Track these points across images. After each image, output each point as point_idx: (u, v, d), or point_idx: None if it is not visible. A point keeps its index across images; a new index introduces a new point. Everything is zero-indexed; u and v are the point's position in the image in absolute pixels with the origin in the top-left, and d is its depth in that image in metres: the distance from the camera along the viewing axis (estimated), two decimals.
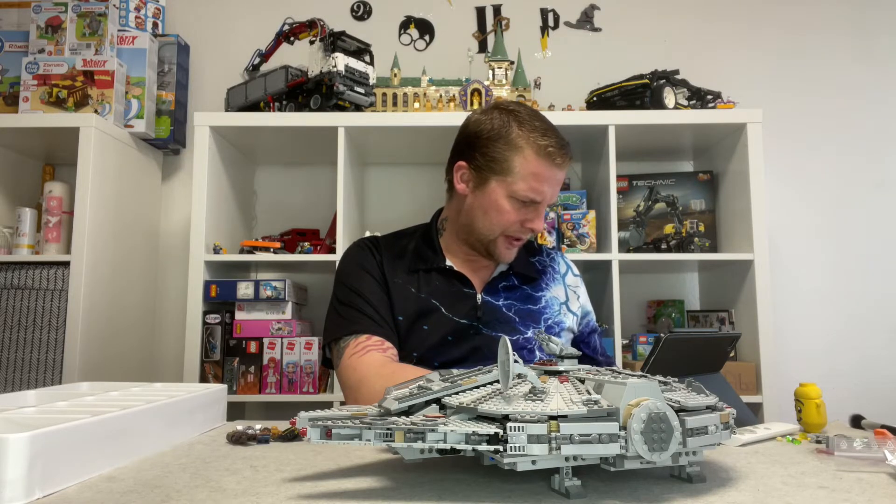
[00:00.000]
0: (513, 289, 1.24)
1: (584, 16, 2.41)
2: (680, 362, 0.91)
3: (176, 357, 2.17)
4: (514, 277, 1.26)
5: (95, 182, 1.86)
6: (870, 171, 2.32)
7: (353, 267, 1.23)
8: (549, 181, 1.15)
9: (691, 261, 2.01)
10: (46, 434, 0.59)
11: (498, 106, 1.21)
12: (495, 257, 1.22)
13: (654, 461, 0.56)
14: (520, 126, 1.15)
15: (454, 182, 1.21)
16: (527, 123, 1.15)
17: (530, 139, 1.13)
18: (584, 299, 1.35)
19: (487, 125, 1.17)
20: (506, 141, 1.14)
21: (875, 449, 0.72)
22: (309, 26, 2.01)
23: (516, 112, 1.17)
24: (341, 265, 1.26)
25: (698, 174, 2.12)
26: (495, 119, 1.17)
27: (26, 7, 2.13)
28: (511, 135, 1.14)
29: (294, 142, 2.07)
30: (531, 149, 1.13)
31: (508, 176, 1.14)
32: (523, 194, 1.14)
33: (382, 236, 1.31)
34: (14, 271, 1.84)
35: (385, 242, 1.28)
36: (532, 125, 1.15)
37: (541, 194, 1.15)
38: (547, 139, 1.14)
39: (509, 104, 1.21)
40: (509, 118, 1.16)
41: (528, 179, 1.13)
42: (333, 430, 0.58)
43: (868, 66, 2.36)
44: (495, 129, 1.16)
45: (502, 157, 1.14)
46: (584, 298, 1.35)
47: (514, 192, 1.14)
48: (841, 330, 2.26)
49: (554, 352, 0.68)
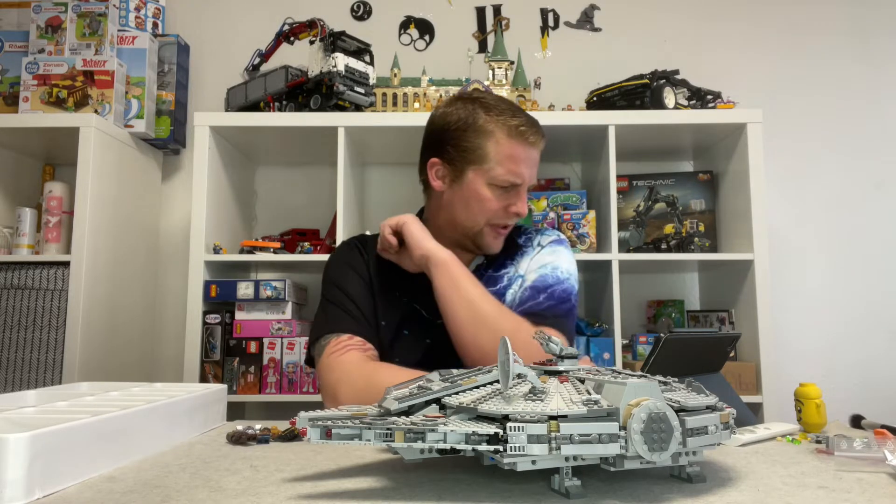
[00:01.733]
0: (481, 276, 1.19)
1: (584, 16, 2.41)
2: (680, 362, 0.91)
3: (176, 357, 2.17)
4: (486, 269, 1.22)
5: (95, 182, 1.86)
6: (870, 172, 2.32)
7: (340, 265, 1.22)
8: (526, 161, 1.14)
9: (691, 261, 2.01)
10: (46, 434, 0.59)
11: (461, 97, 1.19)
12: (483, 249, 1.19)
13: (654, 461, 0.56)
14: (486, 111, 1.13)
15: (429, 180, 1.19)
16: (493, 108, 1.14)
17: (499, 122, 1.12)
18: (535, 262, 1.20)
19: (454, 116, 1.15)
20: (475, 129, 1.13)
21: (875, 449, 0.71)
22: (309, 26, 2.01)
23: (480, 99, 1.16)
24: (329, 264, 1.25)
25: (698, 174, 2.12)
26: (460, 109, 1.15)
27: (26, 7, 2.13)
28: (479, 121, 1.13)
29: (294, 142, 2.08)
30: (502, 131, 1.12)
31: (484, 163, 1.12)
32: (502, 178, 1.12)
33: (371, 236, 1.29)
34: (14, 271, 1.84)
35: (373, 242, 1.25)
36: (499, 108, 1.14)
37: (519, 176, 1.13)
38: (516, 119, 1.12)
39: (472, 93, 1.20)
40: (474, 106, 1.14)
41: (505, 163, 1.12)
42: (333, 430, 0.58)
43: (868, 66, 2.36)
44: (462, 119, 1.14)
45: (474, 145, 1.12)
46: (534, 263, 1.20)
47: (493, 178, 1.12)
48: (841, 330, 2.26)
49: (554, 352, 0.68)
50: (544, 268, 1.19)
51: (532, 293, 1.15)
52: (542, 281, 1.17)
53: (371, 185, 2.32)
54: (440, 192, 1.18)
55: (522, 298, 1.16)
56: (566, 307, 1.16)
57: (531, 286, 1.16)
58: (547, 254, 1.22)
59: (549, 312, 1.13)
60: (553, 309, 1.14)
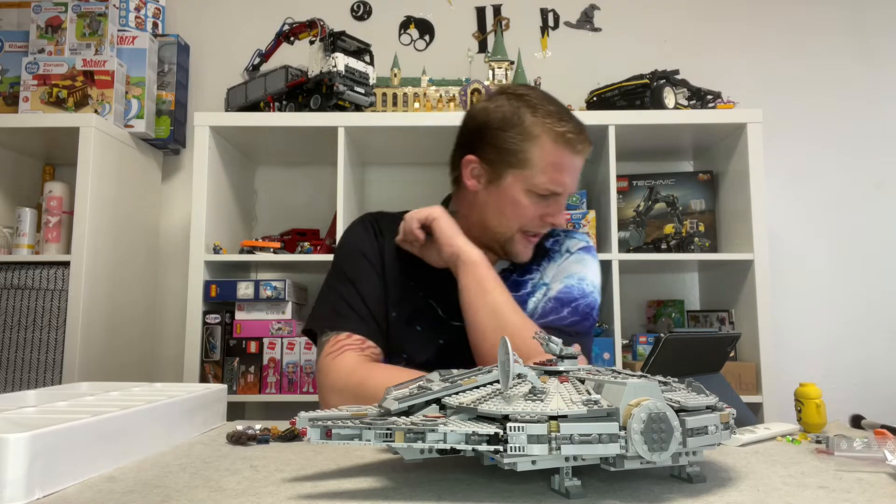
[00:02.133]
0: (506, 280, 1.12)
1: (584, 16, 2.41)
2: (680, 362, 0.91)
3: (176, 357, 2.17)
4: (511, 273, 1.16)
5: (95, 182, 1.86)
6: (870, 171, 2.32)
7: (352, 251, 1.15)
8: (570, 170, 1.07)
9: (691, 261, 2.01)
10: (46, 434, 0.59)
11: (504, 91, 1.10)
12: (512, 256, 1.13)
13: (654, 461, 0.56)
14: (533, 112, 1.05)
15: (463, 178, 1.11)
16: (540, 108, 1.06)
17: (546, 126, 1.04)
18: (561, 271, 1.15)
19: (497, 114, 1.07)
20: (519, 129, 1.05)
21: (875, 449, 0.71)
22: (309, 26, 2.01)
23: (526, 96, 1.07)
24: (341, 243, 1.18)
25: (698, 174, 2.12)
26: (504, 106, 1.07)
27: (26, 7, 2.13)
28: (525, 122, 1.05)
29: (294, 142, 2.07)
30: (548, 136, 1.04)
31: (526, 168, 1.04)
32: (543, 187, 1.05)
33: (389, 216, 1.21)
34: (14, 271, 1.84)
35: (390, 224, 1.17)
36: (546, 110, 1.06)
37: (561, 185, 1.06)
38: (564, 125, 1.05)
39: (517, 88, 1.11)
40: (520, 104, 1.06)
41: (548, 171, 1.04)
42: (333, 430, 0.58)
43: (868, 66, 2.36)
44: (506, 118, 1.06)
45: (517, 148, 1.05)
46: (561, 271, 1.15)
47: (534, 185, 1.05)
48: (841, 330, 2.26)
49: (554, 352, 0.68)
50: (570, 278, 1.13)
51: (556, 305, 1.10)
52: (568, 293, 1.11)
53: (371, 185, 2.32)
54: (474, 191, 1.11)
55: (545, 310, 1.10)
56: (588, 324, 1.11)
57: (555, 297, 1.11)
58: (574, 262, 1.16)
59: (571, 329, 1.07)
60: (576, 325, 1.08)
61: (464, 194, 1.14)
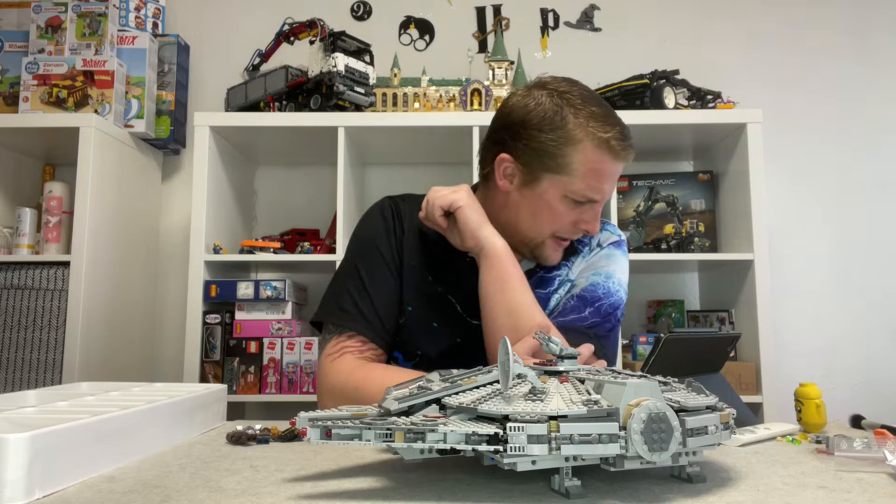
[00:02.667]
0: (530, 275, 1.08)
1: (584, 16, 2.41)
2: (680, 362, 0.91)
3: (176, 357, 2.17)
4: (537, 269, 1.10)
5: (95, 182, 1.86)
6: (869, 171, 2.32)
7: (367, 244, 1.10)
8: (611, 177, 1.01)
9: (691, 261, 2.01)
10: (46, 434, 0.59)
11: (544, 86, 1.02)
12: (541, 260, 1.08)
13: (654, 461, 0.56)
14: (575, 113, 0.98)
15: (495, 177, 1.04)
16: (583, 109, 0.98)
17: (590, 130, 0.97)
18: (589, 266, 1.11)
19: (537, 112, 0.99)
20: (561, 132, 0.98)
21: (875, 449, 0.71)
22: (309, 26, 2.01)
23: (567, 95, 1.00)
24: (357, 233, 1.13)
25: (698, 174, 2.12)
26: (545, 104, 0.99)
27: (26, 7, 2.13)
28: (567, 124, 0.98)
29: (294, 142, 2.08)
30: (591, 142, 0.97)
31: (565, 174, 0.98)
32: (581, 194, 0.99)
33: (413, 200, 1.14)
34: (14, 271, 1.84)
35: (412, 209, 1.11)
36: (589, 111, 0.98)
37: (600, 192, 1.00)
38: (609, 129, 0.98)
39: (559, 84, 1.02)
40: (562, 102, 0.99)
41: (588, 178, 0.98)
42: (333, 430, 0.58)
43: (868, 65, 2.36)
44: (547, 117, 0.98)
45: (557, 151, 0.98)
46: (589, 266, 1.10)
47: (572, 192, 0.99)
48: (841, 330, 2.26)
49: (554, 352, 0.68)
50: (598, 275, 1.08)
51: (578, 304, 1.05)
52: (592, 291, 1.06)
53: (371, 185, 2.32)
54: (505, 192, 1.04)
55: (567, 308, 1.05)
56: (610, 325, 1.06)
57: (579, 295, 1.06)
58: (604, 257, 1.11)
59: (591, 331, 1.03)
60: (597, 327, 1.04)
61: (494, 193, 1.07)
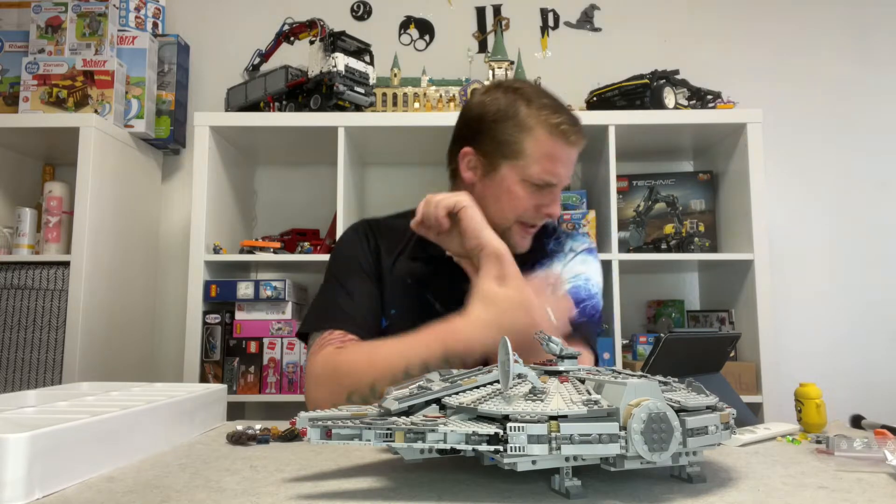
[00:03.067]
0: None
1: (584, 16, 2.41)
2: (680, 362, 0.91)
3: (176, 357, 2.17)
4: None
5: (95, 182, 1.86)
6: (870, 171, 2.32)
7: (344, 255, 1.17)
8: (564, 162, 1.09)
9: (691, 261, 2.01)
10: (46, 434, 0.59)
11: (500, 85, 1.13)
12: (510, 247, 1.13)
13: (654, 461, 0.56)
14: (528, 105, 1.08)
15: (460, 170, 1.13)
16: (535, 101, 1.08)
17: (541, 118, 1.07)
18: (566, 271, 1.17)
19: (492, 106, 1.10)
20: (514, 122, 1.07)
21: (875, 449, 0.72)
22: (309, 26, 2.01)
23: (521, 89, 1.10)
24: (334, 251, 1.21)
25: (698, 174, 2.12)
26: (500, 99, 1.10)
27: (26, 7, 2.13)
28: (519, 114, 1.07)
29: (294, 142, 2.08)
30: (543, 128, 1.06)
31: (520, 159, 1.07)
32: (538, 177, 1.07)
33: (384, 218, 1.24)
34: (14, 271, 1.84)
35: (385, 225, 1.20)
36: (540, 102, 1.08)
37: (556, 176, 1.08)
38: (558, 116, 1.07)
39: (513, 82, 1.14)
40: (515, 96, 1.09)
41: (542, 161, 1.07)
42: (333, 430, 0.58)
43: (868, 66, 2.36)
44: (502, 110, 1.09)
45: (512, 139, 1.07)
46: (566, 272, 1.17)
47: (528, 175, 1.07)
48: (841, 330, 2.26)
49: (554, 352, 0.68)
50: (577, 279, 1.15)
51: None
52: (575, 294, 1.13)
53: (371, 185, 2.32)
54: (470, 183, 1.13)
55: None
56: (595, 323, 1.13)
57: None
58: (579, 263, 1.18)
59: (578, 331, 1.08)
60: (584, 327, 1.10)
61: (461, 187, 1.15)
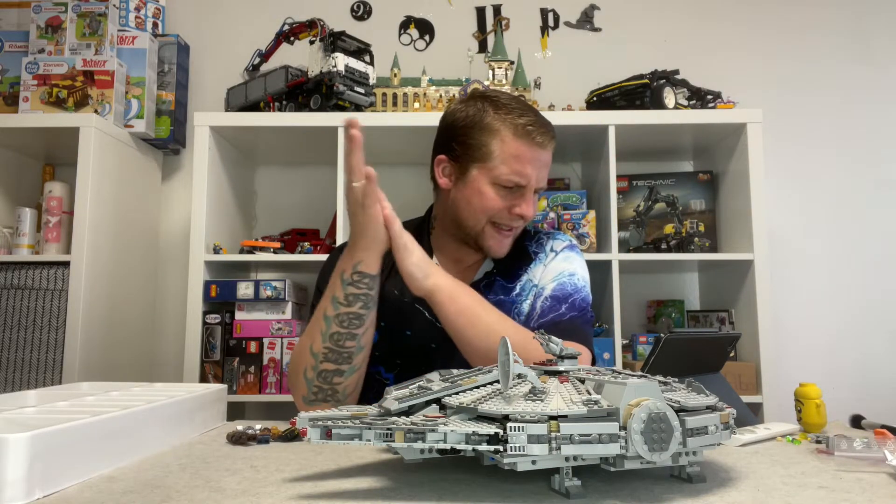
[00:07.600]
0: (492, 284, 1.18)
1: (584, 16, 2.41)
2: (680, 362, 0.91)
3: (176, 357, 2.17)
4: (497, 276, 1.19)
5: (95, 182, 1.86)
6: (869, 172, 2.32)
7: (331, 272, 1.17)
8: (532, 162, 1.10)
9: (691, 261, 2.01)
10: (46, 434, 0.59)
11: (474, 94, 1.17)
12: (486, 251, 1.16)
13: (654, 461, 0.56)
14: (496, 109, 1.11)
15: (436, 178, 1.18)
16: (503, 106, 1.12)
17: (507, 120, 1.10)
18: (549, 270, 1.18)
19: (462, 114, 1.14)
20: (481, 126, 1.11)
21: (875, 449, 0.72)
22: (309, 26, 2.01)
23: (492, 97, 1.14)
24: (321, 271, 1.22)
25: (698, 174, 2.12)
26: (470, 107, 1.14)
27: (26, 7, 2.13)
28: (486, 119, 1.11)
29: (294, 142, 2.07)
30: (508, 129, 1.09)
31: (489, 161, 1.10)
32: (506, 178, 1.09)
33: None
34: (14, 271, 1.84)
35: None
36: (508, 107, 1.11)
37: (525, 177, 1.10)
38: (524, 118, 1.10)
39: (486, 91, 1.18)
40: (485, 103, 1.13)
41: (510, 162, 1.09)
42: (333, 430, 0.58)
43: (868, 66, 2.36)
44: (470, 116, 1.12)
45: (479, 142, 1.11)
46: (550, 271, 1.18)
47: (496, 177, 1.10)
48: (841, 330, 2.26)
49: (554, 352, 0.68)
50: (561, 275, 1.16)
51: (553, 303, 1.13)
52: (562, 290, 1.14)
53: None
54: (447, 189, 1.16)
55: (544, 309, 1.13)
56: (586, 316, 1.15)
57: (551, 296, 1.14)
58: (562, 261, 1.20)
59: (573, 324, 1.11)
60: (575, 320, 1.12)
61: (442, 196, 1.19)
